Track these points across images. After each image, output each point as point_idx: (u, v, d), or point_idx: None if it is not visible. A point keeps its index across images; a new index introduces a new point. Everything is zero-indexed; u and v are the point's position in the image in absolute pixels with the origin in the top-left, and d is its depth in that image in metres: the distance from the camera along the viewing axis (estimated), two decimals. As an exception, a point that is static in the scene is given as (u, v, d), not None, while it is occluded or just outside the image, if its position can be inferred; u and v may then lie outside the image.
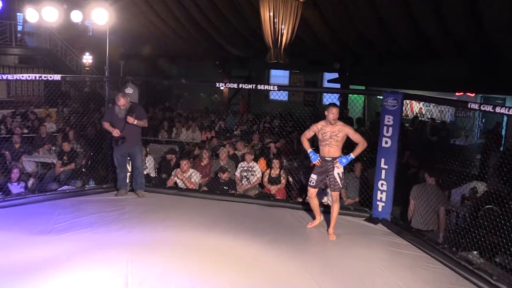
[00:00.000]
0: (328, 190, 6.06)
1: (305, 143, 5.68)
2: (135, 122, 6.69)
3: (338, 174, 5.56)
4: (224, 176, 7.65)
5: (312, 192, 5.74)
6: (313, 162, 5.61)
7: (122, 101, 6.66)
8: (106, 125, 6.76)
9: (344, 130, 5.53)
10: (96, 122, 10.85)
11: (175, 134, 12.25)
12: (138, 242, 5.19)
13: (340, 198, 6.18)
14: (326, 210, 6.19)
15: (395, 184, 6.21)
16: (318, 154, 5.59)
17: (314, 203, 5.83)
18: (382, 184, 6.24)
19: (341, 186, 5.62)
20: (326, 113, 5.51)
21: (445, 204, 6.35)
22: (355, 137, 5.56)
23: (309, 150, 5.60)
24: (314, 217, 6.02)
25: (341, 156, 5.56)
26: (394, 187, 6.22)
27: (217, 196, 7.13)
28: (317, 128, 5.60)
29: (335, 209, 5.67)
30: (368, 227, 6.17)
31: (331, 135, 5.50)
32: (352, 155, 5.53)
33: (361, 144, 5.53)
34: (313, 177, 5.65)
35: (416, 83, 13.46)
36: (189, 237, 5.43)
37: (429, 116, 14.38)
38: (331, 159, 5.54)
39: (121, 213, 6.16)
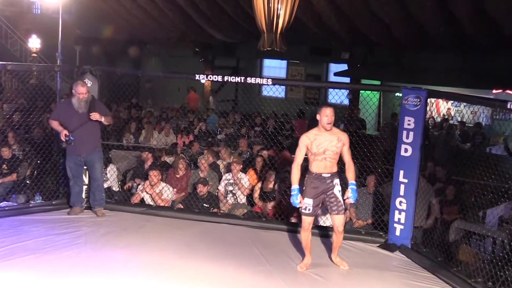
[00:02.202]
0: (323, 218, 6.03)
1: (296, 174, 5.34)
2: (102, 119, 6.68)
3: (339, 191, 5.45)
4: (204, 190, 7.65)
5: (308, 222, 5.47)
6: (293, 204, 5.38)
7: (82, 90, 6.65)
8: (54, 124, 6.74)
9: (342, 140, 5.40)
10: (45, 121, 10.78)
11: (144, 138, 12.23)
12: (95, 272, 5.15)
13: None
14: (322, 233, 6.20)
15: (416, 202, 6.25)
16: (299, 194, 5.35)
17: (308, 238, 5.55)
18: (400, 202, 6.27)
19: (344, 205, 5.51)
20: (318, 117, 5.37)
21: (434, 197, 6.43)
22: (348, 153, 5.45)
23: (294, 186, 5.34)
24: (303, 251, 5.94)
25: (352, 187, 5.36)
26: (415, 206, 6.25)
27: (196, 215, 7.12)
28: (308, 140, 5.39)
29: (340, 238, 5.58)
30: (383, 255, 6.18)
31: (328, 145, 5.36)
32: (354, 182, 5.43)
33: (352, 165, 5.46)
34: (308, 202, 5.42)
35: (443, 78, 13.60)
36: (160, 267, 5.40)
37: (459, 119, 14.51)
38: (329, 175, 5.42)
39: (74, 237, 6.11)
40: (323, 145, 5.37)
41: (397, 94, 7.18)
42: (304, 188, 5.47)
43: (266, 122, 13.66)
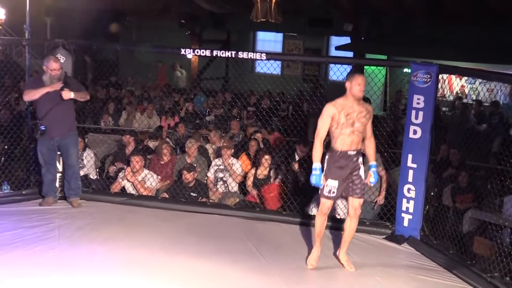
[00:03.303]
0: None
1: (319, 150, 5.24)
2: (72, 95, 6.62)
3: (364, 171, 5.43)
4: (191, 178, 7.64)
5: (328, 207, 5.41)
6: (315, 184, 5.30)
7: (55, 65, 6.60)
8: (31, 94, 6.59)
9: (370, 112, 5.37)
10: (12, 102, 10.70)
11: (125, 120, 12.20)
12: (70, 270, 5.15)
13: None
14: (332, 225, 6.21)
15: (426, 189, 6.26)
16: (322, 174, 5.28)
17: (324, 224, 5.51)
18: (409, 190, 6.30)
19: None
20: (348, 85, 5.26)
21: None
22: (370, 129, 5.46)
23: (316, 164, 5.23)
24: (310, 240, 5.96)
25: (374, 170, 5.40)
26: (426, 194, 6.27)
27: (182, 205, 7.13)
28: (335, 109, 5.24)
29: (354, 226, 5.54)
30: (390, 248, 6.22)
31: (358, 116, 5.27)
32: (375, 162, 5.45)
33: (374, 142, 5.49)
34: (332, 184, 5.31)
35: (457, 52, 13.58)
36: (142, 262, 5.40)
37: (474, 97, 14.52)
38: (355, 152, 5.33)
39: (47, 230, 6.10)
40: (352, 116, 5.25)
41: (405, 69, 7.14)
42: (326, 167, 5.34)
43: (260, 101, 13.63)
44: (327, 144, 5.55)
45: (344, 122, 5.23)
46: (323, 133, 5.29)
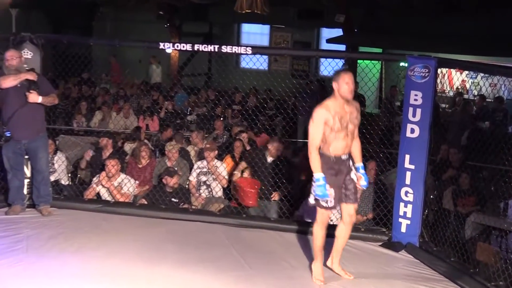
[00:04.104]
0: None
1: (317, 160, 5.16)
2: (40, 99, 6.58)
3: (354, 174, 5.43)
4: (172, 182, 7.63)
5: (328, 216, 5.42)
6: (321, 200, 5.22)
7: (9, 54, 6.53)
8: (7, 80, 6.52)
9: (359, 110, 5.39)
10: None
11: (99, 120, 12.16)
12: (40, 283, 5.11)
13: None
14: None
15: (425, 192, 6.29)
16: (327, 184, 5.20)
17: (324, 236, 5.44)
18: (406, 193, 6.32)
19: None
20: (335, 85, 5.20)
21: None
22: (357, 127, 5.44)
23: (318, 175, 5.14)
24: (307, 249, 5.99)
25: (363, 172, 5.41)
26: (425, 197, 6.30)
27: (162, 212, 7.11)
28: (328, 114, 5.15)
29: (349, 233, 5.55)
30: (387, 256, 6.22)
31: (350, 118, 5.25)
32: (362, 164, 5.46)
33: (360, 142, 5.49)
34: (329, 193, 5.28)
35: (457, 44, 13.66)
36: (119, 273, 5.38)
37: (476, 93, 14.61)
38: (347, 156, 5.34)
39: (14, 241, 6.05)
40: (345, 118, 5.22)
41: (401, 63, 7.19)
42: None
43: (245, 99, 13.64)
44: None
45: (339, 127, 5.18)
46: (317, 140, 5.18)
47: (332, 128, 5.16)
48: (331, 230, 5.85)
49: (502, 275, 5.46)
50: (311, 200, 5.32)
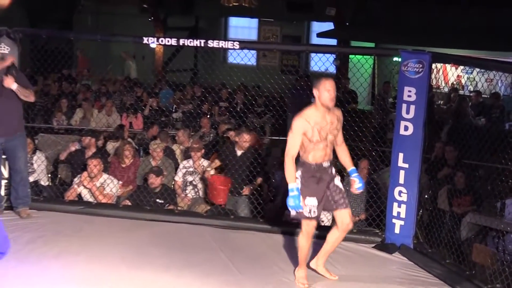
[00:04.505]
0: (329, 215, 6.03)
1: (292, 170, 5.16)
2: (15, 87, 6.52)
3: (340, 180, 5.44)
4: (157, 182, 7.61)
5: (313, 227, 5.36)
6: (293, 212, 5.24)
7: None
8: None
9: (340, 117, 5.36)
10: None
11: (81, 118, 12.12)
12: (20, 289, 5.10)
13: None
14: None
15: (420, 192, 6.31)
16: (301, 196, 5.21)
17: (309, 247, 5.48)
18: (400, 193, 6.33)
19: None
20: (316, 93, 5.19)
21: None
22: (341, 133, 5.43)
23: (293, 185, 5.13)
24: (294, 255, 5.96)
25: (357, 175, 5.43)
26: (419, 197, 6.32)
27: (147, 214, 7.10)
28: (308, 125, 5.16)
29: (341, 239, 5.52)
30: (380, 258, 6.23)
31: (330, 128, 5.24)
32: (354, 167, 5.48)
33: (346, 147, 5.52)
34: (311, 203, 5.24)
35: (453, 38, 13.71)
36: (102, 278, 5.36)
37: (471, 88, 14.68)
38: (329, 164, 5.33)
39: (-8, 244, 6.03)
40: (325, 129, 5.22)
41: (395, 58, 7.20)
42: (301, 184, 5.25)
43: (233, 96, 13.63)
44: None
45: (317, 139, 5.19)
46: (294, 151, 5.19)
47: (310, 139, 5.18)
48: (322, 231, 5.86)
49: (499, 277, 5.49)
50: (292, 212, 5.27)
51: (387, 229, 6.48)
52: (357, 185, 5.40)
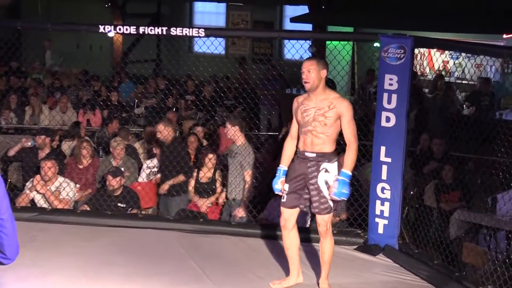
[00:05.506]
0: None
1: (287, 149, 5.49)
2: None
3: (326, 181, 5.27)
4: (116, 184, 7.58)
5: (284, 218, 5.40)
6: (274, 189, 5.44)
7: None
8: None
9: (339, 108, 5.25)
10: None
11: (31, 116, 12.02)
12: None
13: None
14: (304, 237, 6.26)
15: (404, 188, 6.37)
16: (282, 178, 5.39)
17: (291, 242, 5.47)
18: (383, 189, 6.38)
19: (331, 204, 5.32)
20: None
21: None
22: (348, 129, 5.29)
23: (280, 166, 5.42)
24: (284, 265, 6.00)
25: (341, 179, 5.21)
26: (403, 194, 6.37)
27: (108, 219, 7.08)
28: (296, 104, 5.41)
29: (326, 247, 5.48)
30: (363, 260, 6.28)
31: (315, 115, 5.26)
32: (348, 171, 5.25)
33: (353, 147, 5.30)
34: (285, 188, 5.39)
35: (437, 21, 13.81)
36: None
37: (458, 75, 14.81)
38: (314, 155, 5.29)
39: None
40: (309, 113, 5.27)
41: (375, 44, 7.24)
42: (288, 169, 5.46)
43: (200, 88, 13.61)
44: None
45: (300, 120, 5.34)
46: (292, 130, 5.50)
47: (298, 121, 5.39)
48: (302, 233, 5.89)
49: (490, 277, 5.54)
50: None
51: (369, 229, 6.52)
52: (333, 189, 5.21)
